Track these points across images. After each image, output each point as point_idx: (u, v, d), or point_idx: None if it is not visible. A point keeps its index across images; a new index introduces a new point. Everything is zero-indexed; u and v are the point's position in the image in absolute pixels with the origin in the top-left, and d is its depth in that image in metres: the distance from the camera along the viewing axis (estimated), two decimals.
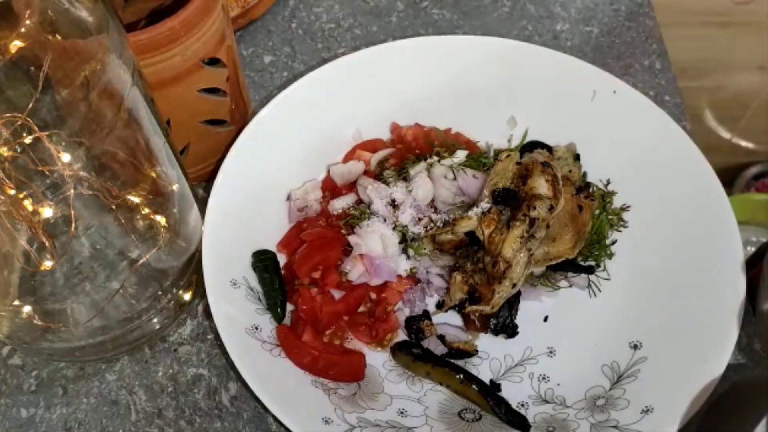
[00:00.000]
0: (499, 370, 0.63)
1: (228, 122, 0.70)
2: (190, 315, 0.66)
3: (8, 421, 0.60)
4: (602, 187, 0.70)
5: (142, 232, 0.59)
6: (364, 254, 0.64)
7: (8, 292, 0.56)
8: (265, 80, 0.82)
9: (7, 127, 0.42)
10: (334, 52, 0.84)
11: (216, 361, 0.64)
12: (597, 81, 0.71)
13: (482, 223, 0.61)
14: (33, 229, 0.48)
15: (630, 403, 0.58)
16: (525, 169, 0.63)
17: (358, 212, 0.67)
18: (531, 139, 0.73)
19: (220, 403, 0.62)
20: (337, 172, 0.70)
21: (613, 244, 0.68)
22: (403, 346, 0.63)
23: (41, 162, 0.45)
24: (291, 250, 0.67)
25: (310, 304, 0.63)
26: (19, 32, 0.42)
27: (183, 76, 0.61)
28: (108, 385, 0.62)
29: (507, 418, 0.59)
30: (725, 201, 0.64)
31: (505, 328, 0.63)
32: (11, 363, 0.63)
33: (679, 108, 0.80)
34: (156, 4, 0.68)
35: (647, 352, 0.61)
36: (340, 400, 0.59)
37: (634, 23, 0.87)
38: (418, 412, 0.60)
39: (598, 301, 0.66)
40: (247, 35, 0.85)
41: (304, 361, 0.60)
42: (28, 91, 0.42)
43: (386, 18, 0.87)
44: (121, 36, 0.47)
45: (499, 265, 0.60)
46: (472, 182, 0.66)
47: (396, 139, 0.73)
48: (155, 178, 0.57)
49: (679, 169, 0.67)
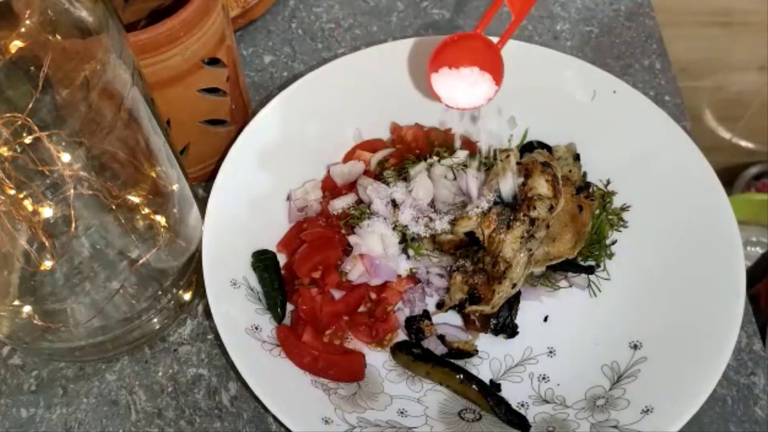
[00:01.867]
0: (499, 370, 0.63)
1: (228, 122, 0.70)
2: (190, 315, 0.66)
3: (8, 421, 0.60)
4: (602, 187, 0.70)
5: (142, 232, 0.59)
6: (364, 254, 0.64)
7: (8, 292, 0.56)
8: (265, 80, 0.82)
9: (7, 127, 0.42)
10: (334, 52, 0.84)
11: (216, 361, 0.64)
12: (597, 81, 0.71)
13: (482, 223, 0.61)
14: (33, 229, 0.48)
15: (630, 403, 0.58)
16: (525, 169, 0.63)
17: (358, 212, 0.67)
18: (531, 139, 0.73)
19: (220, 403, 0.62)
20: (337, 172, 0.70)
21: (613, 244, 0.68)
22: (403, 346, 0.63)
23: (41, 162, 0.45)
24: (291, 250, 0.67)
25: (310, 304, 0.63)
26: (19, 32, 0.42)
27: (183, 76, 0.61)
28: (108, 385, 0.62)
29: (507, 418, 0.59)
30: (725, 201, 0.64)
31: (505, 328, 0.63)
32: (11, 363, 0.63)
33: (679, 108, 0.80)
34: (156, 4, 0.69)
35: (647, 352, 0.61)
36: (340, 400, 0.59)
37: (634, 23, 0.87)
38: (418, 412, 0.60)
39: (598, 301, 0.66)
40: (247, 35, 0.85)
41: (304, 361, 0.60)
42: (28, 91, 0.42)
43: (386, 18, 0.87)
44: (121, 36, 0.47)
45: (499, 266, 0.60)
46: (472, 182, 0.66)
47: (396, 139, 0.73)
48: (155, 178, 0.57)
49: (679, 169, 0.67)
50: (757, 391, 0.63)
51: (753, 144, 1.42)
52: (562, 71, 0.72)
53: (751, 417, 0.61)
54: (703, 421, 0.61)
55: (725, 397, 0.62)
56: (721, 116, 1.38)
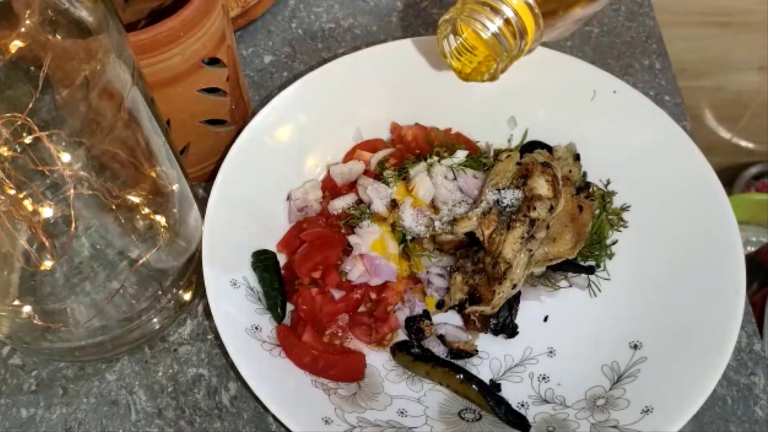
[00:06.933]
0: (499, 370, 0.63)
1: (228, 122, 0.70)
2: (190, 315, 0.66)
3: (8, 421, 0.60)
4: (602, 187, 0.70)
5: (142, 232, 0.59)
6: (364, 254, 0.64)
7: (8, 292, 0.56)
8: (265, 80, 0.82)
9: (7, 127, 0.42)
10: (334, 52, 0.84)
11: (216, 361, 0.64)
12: (597, 81, 0.71)
13: (482, 223, 0.61)
14: (33, 229, 0.48)
15: (630, 403, 0.58)
16: (525, 169, 0.63)
17: (358, 212, 0.67)
18: (531, 139, 0.73)
19: (220, 403, 0.62)
20: (337, 172, 0.70)
21: (613, 244, 0.68)
22: (403, 346, 0.63)
23: (41, 162, 0.45)
24: (291, 250, 0.67)
25: (310, 304, 0.63)
26: (19, 32, 0.42)
27: (183, 76, 0.61)
28: (108, 385, 0.62)
29: (507, 418, 0.59)
30: (725, 201, 0.64)
31: (505, 328, 0.63)
32: (11, 363, 0.63)
33: (679, 108, 0.80)
34: (156, 4, 0.69)
35: (647, 352, 0.61)
36: (340, 400, 0.59)
37: (634, 23, 0.87)
38: (418, 412, 0.60)
39: (598, 301, 0.66)
40: (247, 35, 0.85)
41: (304, 361, 0.60)
42: (28, 91, 0.42)
43: (386, 18, 0.87)
44: (121, 36, 0.47)
45: (499, 266, 0.60)
46: (472, 182, 0.66)
47: (396, 139, 0.73)
48: (155, 178, 0.57)
49: (679, 169, 0.67)
50: (757, 391, 0.63)
51: (753, 144, 1.42)
52: (562, 71, 0.72)
53: (751, 417, 0.62)
54: (703, 421, 0.61)
55: (725, 397, 0.62)
56: (721, 116, 1.38)
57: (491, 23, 0.57)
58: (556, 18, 0.59)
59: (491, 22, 0.57)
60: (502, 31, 0.57)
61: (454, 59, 0.62)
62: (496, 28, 0.57)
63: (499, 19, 0.57)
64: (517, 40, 0.58)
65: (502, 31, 0.57)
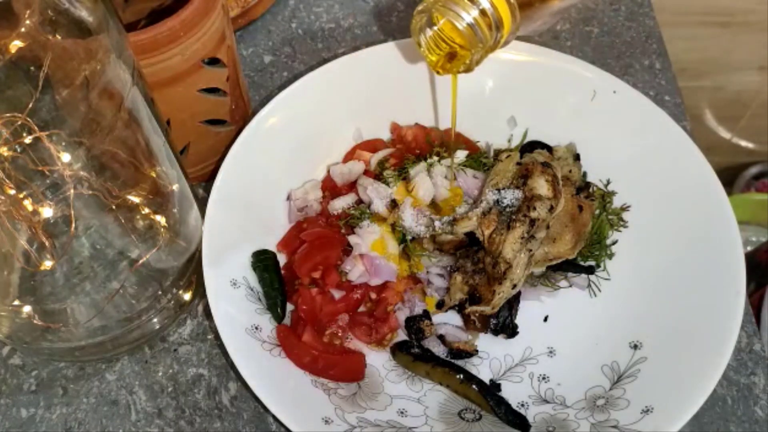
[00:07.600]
0: (499, 370, 0.63)
1: (228, 122, 0.70)
2: (190, 315, 0.66)
3: (8, 421, 0.60)
4: (602, 187, 0.70)
5: (142, 232, 0.59)
6: (364, 254, 0.64)
7: (8, 292, 0.56)
8: (265, 80, 0.82)
9: (7, 127, 0.42)
10: (334, 52, 0.84)
11: (216, 361, 0.64)
12: (597, 81, 0.71)
13: (482, 223, 0.61)
14: (33, 229, 0.48)
15: (630, 403, 0.58)
16: (525, 169, 0.63)
17: (358, 212, 0.67)
18: (531, 139, 0.73)
19: (220, 403, 0.62)
20: (337, 172, 0.70)
21: (613, 244, 0.68)
22: (403, 346, 0.63)
23: (41, 162, 0.45)
24: (291, 250, 0.67)
25: (310, 304, 0.63)
26: (19, 32, 0.42)
27: (183, 76, 0.61)
28: (108, 385, 0.62)
29: (507, 418, 0.59)
30: (725, 201, 0.64)
31: (505, 328, 0.63)
32: (11, 363, 0.63)
33: (679, 108, 0.80)
34: (156, 4, 0.69)
35: (647, 352, 0.61)
36: (340, 400, 0.59)
37: (634, 23, 0.87)
38: (418, 412, 0.60)
39: (598, 301, 0.66)
40: (247, 35, 0.85)
41: (304, 361, 0.60)
42: (28, 91, 0.42)
43: (386, 18, 0.88)
44: (121, 36, 0.47)
45: (499, 266, 0.60)
46: (472, 182, 0.66)
47: (396, 139, 0.73)
48: (155, 178, 0.57)
49: (679, 169, 0.67)
50: (757, 391, 0.63)
51: (753, 144, 1.42)
52: (562, 71, 0.72)
53: (751, 417, 0.62)
54: (703, 421, 0.61)
55: (725, 397, 0.62)
56: (721, 116, 1.38)
57: (466, 14, 0.57)
58: (533, 10, 0.59)
59: (467, 13, 0.57)
60: (477, 21, 0.57)
61: (429, 51, 0.62)
62: (471, 19, 0.57)
63: (475, 9, 0.57)
64: (493, 31, 0.58)
65: (477, 21, 0.57)
